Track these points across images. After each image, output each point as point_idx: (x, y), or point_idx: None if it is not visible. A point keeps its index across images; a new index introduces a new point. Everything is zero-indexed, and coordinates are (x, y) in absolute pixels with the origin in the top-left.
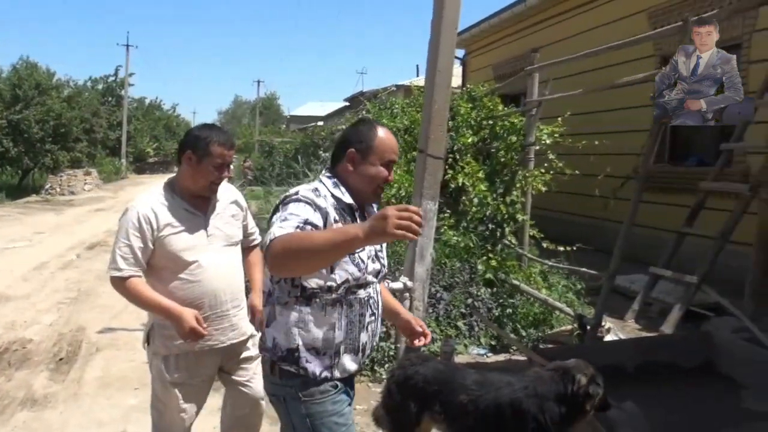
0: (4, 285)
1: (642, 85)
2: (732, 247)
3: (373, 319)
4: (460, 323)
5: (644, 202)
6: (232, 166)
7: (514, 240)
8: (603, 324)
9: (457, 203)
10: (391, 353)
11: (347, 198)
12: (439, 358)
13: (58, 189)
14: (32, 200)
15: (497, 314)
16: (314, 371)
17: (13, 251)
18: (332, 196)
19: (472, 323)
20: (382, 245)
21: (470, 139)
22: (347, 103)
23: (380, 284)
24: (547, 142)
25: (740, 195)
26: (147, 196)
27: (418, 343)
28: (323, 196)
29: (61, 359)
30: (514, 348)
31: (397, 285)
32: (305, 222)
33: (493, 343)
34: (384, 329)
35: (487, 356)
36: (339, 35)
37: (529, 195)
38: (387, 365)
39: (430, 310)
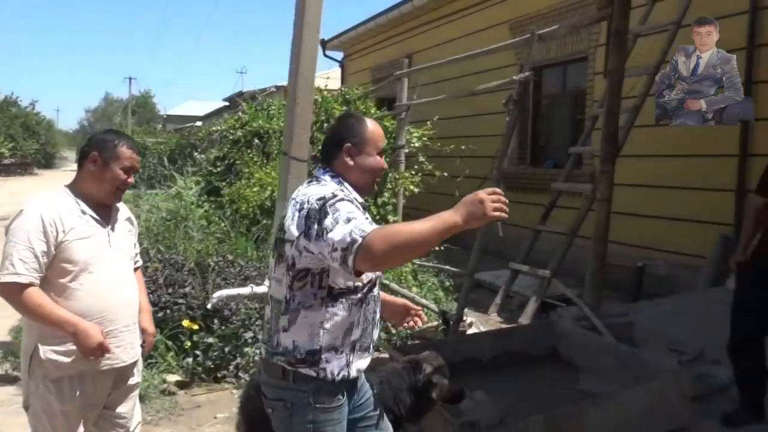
0: None
1: (499, 92)
2: (581, 242)
3: (379, 315)
4: None
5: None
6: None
7: None
8: (465, 319)
9: None
10: (256, 359)
11: (355, 194)
12: None
13: None
14: None
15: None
16: (333, 371)
17: None
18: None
19: None
20: None
21: None
22: (227, 103)
23: None
24: (416, 145)
25: (585, 194)
26: (49, 198)
27: (415, 323)
28: (348, 192)
29: None
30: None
31: (262, 289)
32: (366, 218)
33: None
34: (252, 334)
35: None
36: (218, 33)
37: (401, 196)
38: (252, 371)
39: None
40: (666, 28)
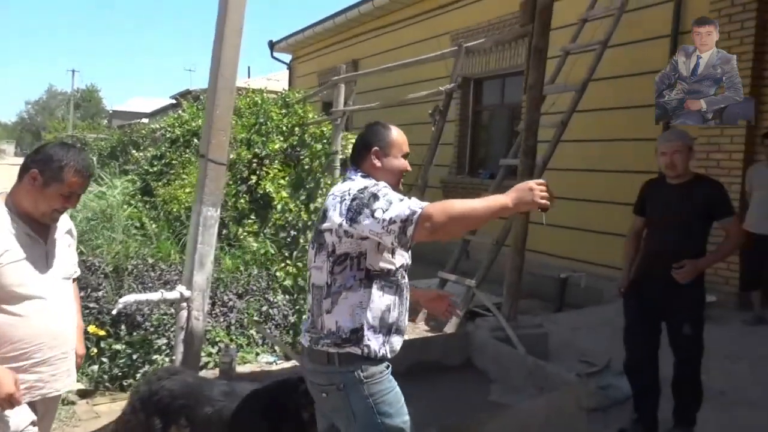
0: None
1: (431, 102)
2: (507, 251)
3: (409, 300)
4: (252, 331)
5: None
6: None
7: None
8: None
9: (267, 210)
10: (167, 364)
11: None
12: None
13: None
14: None
15: (294, 321)
16: (375, 349)
17: None
18: None
19: (267, 332)
20: None
21: (278, 145)
22: (174, 101)
23: None
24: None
25: None
26: None
27: (448, 313)
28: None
29: None
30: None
31: (173, 295)
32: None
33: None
34: (166, 340)
35: (276, 363)
36: (168, 29)
37: None
38: (137, 383)
39: (221, 319)
40: (594, 47)
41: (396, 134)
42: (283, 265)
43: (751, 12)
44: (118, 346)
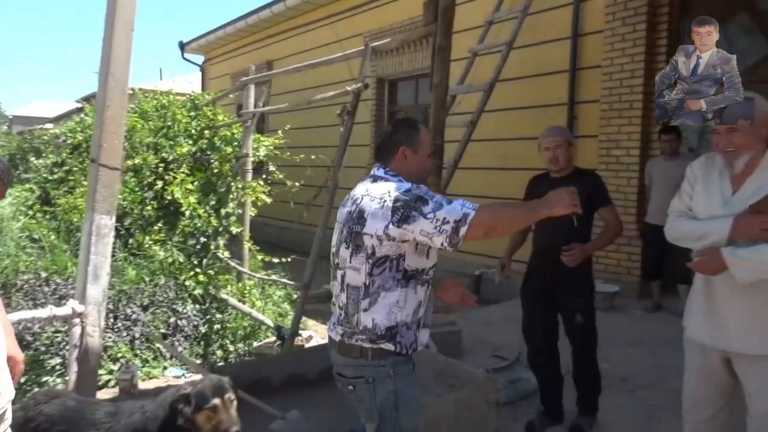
0: None
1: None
2: None
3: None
4: (159, 344)
5: None
6: None
7: (227, 253)
8: (300, 333)
9: (177, 217)
10: (60, 387)
11: None
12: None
13: None
14: None
15: (204, 331)
16: (406, 344)
17: None
18: None
19: (175, 343)
20: None
21: (186, 149)
22: (80, 105)
23: None
24: (261, 154)
25: None
26: None
27: (464, 302)
28: None
29: None
30: (220, 366)
31: (64, 311)
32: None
33: (198, 362)
34: (60, 360)
35: (185, 377)
36: (73, 29)
37: (248, 207)
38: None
39: (124, 334)
40: (500, 48)
41: (424, 132)
42: (192, 273)
43: (642, 15)
44: None
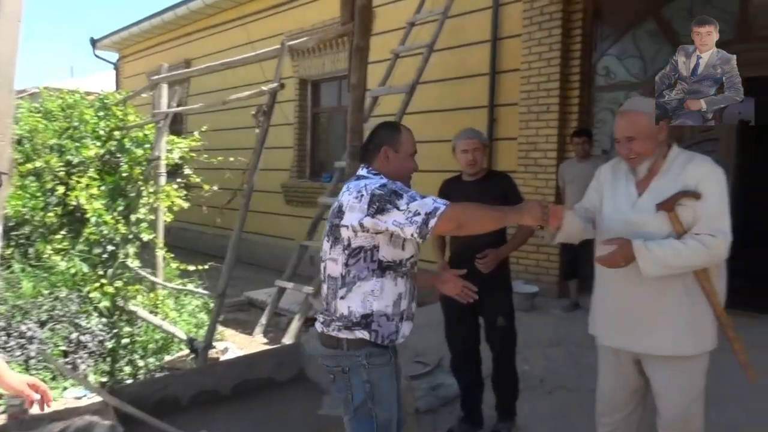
0: None
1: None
2: None
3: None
4: (53, 365)
5: (287, 216)
6: None
7: (137, 262)
8: (214, 345)
9: (83, 224)
10: None
11: None
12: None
13: None
14: None
15: (111, 346)
16: (383, 335)
17: None
18: None
19: (76, 361)
20: None
21: (93, 151)
22: None
23: None
24: (175, 156)
25: None
26: None
27: (464, 294)
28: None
29: None
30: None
31: None
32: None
33: (104, 380)
34: None
35: (87, 398)
36: None
37: (161, 212)
38: None
39: (18, 353)
40: (421, 50)
41: (405, 133)
42: (97, 284)
43: (557, 21)
44: None
